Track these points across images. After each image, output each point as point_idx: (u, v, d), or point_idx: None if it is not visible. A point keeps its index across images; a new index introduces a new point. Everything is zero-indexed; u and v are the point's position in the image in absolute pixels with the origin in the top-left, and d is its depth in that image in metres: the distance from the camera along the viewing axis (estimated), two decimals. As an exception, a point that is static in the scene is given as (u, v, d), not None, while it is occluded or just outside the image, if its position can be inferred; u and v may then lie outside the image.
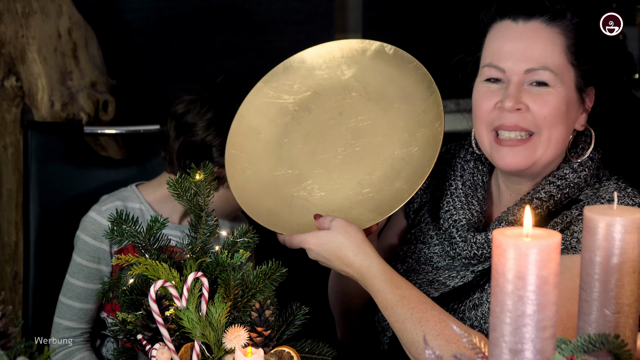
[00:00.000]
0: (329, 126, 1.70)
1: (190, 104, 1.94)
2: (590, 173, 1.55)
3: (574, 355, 1.01)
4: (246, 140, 1.72)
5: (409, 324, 1.44)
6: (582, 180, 1.54)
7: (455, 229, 1.60)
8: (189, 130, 1.91)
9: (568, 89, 1.51)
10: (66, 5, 2.45)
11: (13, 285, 2.45)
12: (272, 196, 1.65)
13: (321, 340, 1.45)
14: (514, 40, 1.51)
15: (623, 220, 1.06)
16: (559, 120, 1.50)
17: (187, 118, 1.92)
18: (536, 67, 1.49)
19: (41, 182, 2.15)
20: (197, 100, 1.93)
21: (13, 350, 1.14)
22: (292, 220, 1.61)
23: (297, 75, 1.76)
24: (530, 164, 1.53)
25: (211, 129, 1.90)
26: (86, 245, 1.87)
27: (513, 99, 1.49)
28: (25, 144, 2.16)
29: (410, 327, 1.44)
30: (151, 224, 1.46)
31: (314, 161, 1.68)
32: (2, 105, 2.39)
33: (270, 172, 1.68)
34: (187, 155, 1.90)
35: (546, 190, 1.54)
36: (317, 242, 1.51)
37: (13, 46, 2.37)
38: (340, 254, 1.50)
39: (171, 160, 1.94)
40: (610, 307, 1.07)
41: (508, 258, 0.97)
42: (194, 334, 1.34)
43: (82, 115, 2.45)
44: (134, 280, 1.41)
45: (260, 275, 1.41)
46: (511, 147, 1.52)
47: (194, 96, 1.95)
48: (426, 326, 1.44)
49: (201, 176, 1.48)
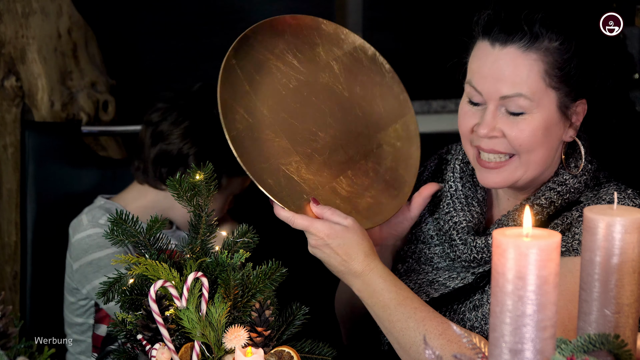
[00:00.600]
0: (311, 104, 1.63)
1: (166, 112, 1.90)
2: (591, 176, 1.55)
3: (574, 355, 1.01)
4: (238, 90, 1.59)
5: (412, 322, 1.44)
6: (583, 184, 1.54)
7: (456, 232, 1.60)
8: (164, 138, 1.87)
9: (547, 111, 1.48)
10: (66, 5, 2.45)
11: (13, 285, 2.45)
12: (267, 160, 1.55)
13: (321, 340, 1.45)
14: (490, 64, 1.48)
15: (623, 220, 1.06)
16: (536, 145, 1.49)
17: (163, 126, 1.88)
18: (511, 94, 1.46)
19: (39, 182, 2.15)
20: (173, 109, 1.90)
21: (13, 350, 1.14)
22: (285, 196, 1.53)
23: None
24: (511, 183, 1.53)
25: (187, 138, 1.86)
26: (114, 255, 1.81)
27: (487, 126, 1.49)
28: (23, 144, 2.16)
29: (413, 325, 1.44)
30: (151, 224, 1.46)
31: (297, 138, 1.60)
32: (2, 105, 2.39)
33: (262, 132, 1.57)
34: (163, 164, 1.87)
35: (547, 197, 1.53)
36: (329, 233, 1.49)
37: (13, 46, 2.37)
38: (352, 252, 1.49)
39: (145, 170, 1.90)
40: (610, 307, 1.07)
41: (508, 258, 0.97)
42: (194, 334, 1.34)
43: (82, 115, 2.45)
44: (134, 280, 1.41)
45: (260, 275, 1.41)
46: (490, 169, 1.52)
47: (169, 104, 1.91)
48: (429, 325, 1.43)
49: (201, 176, 1.48)
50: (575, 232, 1.48)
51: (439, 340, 1.41)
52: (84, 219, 1.88)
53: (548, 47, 1.46)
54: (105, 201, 1.92)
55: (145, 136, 1.91)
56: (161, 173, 1.88)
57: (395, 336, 1.46)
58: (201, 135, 1.87)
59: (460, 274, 1.59)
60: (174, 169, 1.86)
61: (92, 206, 1.93)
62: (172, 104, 1.91)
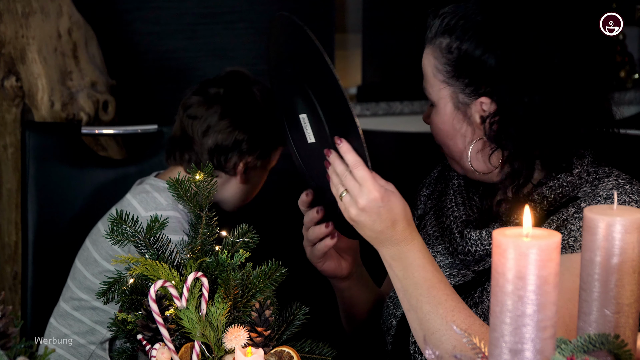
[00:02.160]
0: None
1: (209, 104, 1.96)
2: (586, 169, 1.54)
3: (574, 355, 1.01)
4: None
5: (441, 309, 1.40)
6: (577, 177, 1.53)
7: (455, 225, 1.60)
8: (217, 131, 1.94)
9: (445, 106, 1.53)
10: (66, 5, 2.45)
11: (13, 285, 2.45)
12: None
13: (321, 340, 1.45)
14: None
15: (623, 220, 1.06)
16: (444, 137, 1.55)
17: (212, 119, 1.95)
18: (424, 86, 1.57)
19: (39, 183, 2.15)
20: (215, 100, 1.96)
21: (13, 350, 1.14)
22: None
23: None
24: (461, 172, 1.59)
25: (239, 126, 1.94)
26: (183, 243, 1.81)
27: (424, 115, 1.61)
28: (23, 144, 2.16)
29: (442, 312, 1.39)
30: (151, 224, 1.46)
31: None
32: (2, 105, 2.39)
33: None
34: (220, 154, 1.95)
35: (538, 192, 1.53)
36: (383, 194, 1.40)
37: (13, 46, 2.37)
38: (398, 218, 1.40)
39: (198, 162, 1.95)
40: (610, 307, 1.07)
41: (508, 258, 0.97)
42: (194, 334, 1.34)
43: (82, 115, 2.45)
44: (134, 280, 1.41)
45: (260, 275, 1.41)
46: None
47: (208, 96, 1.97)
48: (457, 317, 1.39)
49: (201, 176, 1.48)
50: (570, 229, 1.47)
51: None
52: (160, 198, 1.92)
53: (440, 43, 1.53)
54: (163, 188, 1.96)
55: (193, 130, 1.96)
56: (218, 161, 1.96)
57: (420, 317, 1.41)
58: (250, 119, 1.95)
59: (461, 272, 1.59)
60: (230, 155, 1.95)
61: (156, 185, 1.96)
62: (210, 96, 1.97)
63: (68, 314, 1.97)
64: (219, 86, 1.98)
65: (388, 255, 1.43)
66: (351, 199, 1.41)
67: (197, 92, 1.99)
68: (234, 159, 1.96)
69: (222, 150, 1.95)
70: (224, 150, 1.95)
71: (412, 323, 1.44)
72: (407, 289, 1.42)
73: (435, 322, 1.39)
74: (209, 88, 1.99)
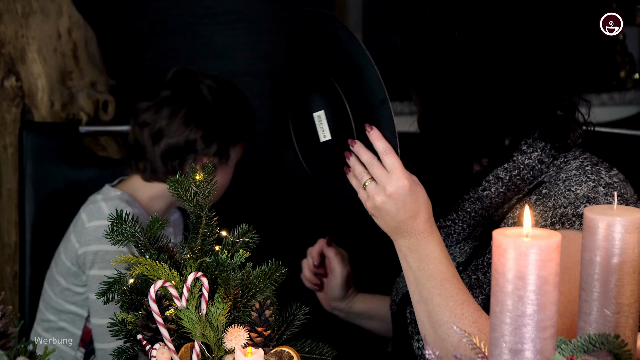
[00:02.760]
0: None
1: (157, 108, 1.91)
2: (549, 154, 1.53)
3: (574, 355, 1.01)
4: None
5: (452, 302, 1.40)
6: (537, 161, 1.53)
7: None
8: (166, 134, 1.89)
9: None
10: (66, 5, 2.45)
11: (13, 285, 2.45)
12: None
13: (321, 340, 1.45)
14: None
15: (623, 220, 1.06)
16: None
17: (160, 123, 1.89)
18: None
19: (37, 183, 2.15)
20: (163, 103, 1.91)
21: (13, 350, 1.14)
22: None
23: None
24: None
25: (190, 125, 1.89)
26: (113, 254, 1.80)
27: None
28: (21, 144, 2.16)
29: (452, 305, 1.40)
30: (151, 224, 1.46)
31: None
32: (2, 105, 2.39)
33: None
34: (173, 158, 1.89)
35: (494, 174, 1.54)
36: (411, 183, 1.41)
37: (13, 46, 2.37)
38: (421, 209, 1.41)
39: (153, 169, 1.91)
40: (610, 307, 1.07)
41: (508, 258, 0.97)
42: (194, 334, 1.34)
43: (82, 115, 2.45)
44: (134, 280, 1.41)
45: (260, 275, 1.41)
46: None
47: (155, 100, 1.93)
48: (466, 310, 1.40)
49: (201, 176, 1.48)
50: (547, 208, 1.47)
51: (471, 328, 1.39)
52: (104, 207, 1.88)
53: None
54: (121, 192, 1.92)
55: (143, 137, 1.91)
56: (172, 166, 1.91)
57: (429, 309, 1.42)
58: (200, 116, 1.89)
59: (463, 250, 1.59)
60: (185, 158, 1.90)
61: (107, 194, 1.93)
62: (158, 99, 1.92)
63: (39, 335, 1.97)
64: (166, 88, 1.93)
65: (405, 246, 1.43)
66: (377, 186, 1.41)
67: (146, 97, 1.95)
68: (189, 161, 1.91)
69: (176, 152, 1.89)
70: (177, 153, 1.89)
71: (420, 315, 1.44)
72: (420, 281, 1.43)
73: (445, 315, 1.40)
74: (157, 92, 1.94)
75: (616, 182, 1.47)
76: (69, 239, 1.92)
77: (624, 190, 1.47)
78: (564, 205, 1.45)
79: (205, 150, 1.89)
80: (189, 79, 1.94)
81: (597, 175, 1.47)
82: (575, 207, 1.44)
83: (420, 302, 1.44)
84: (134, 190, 1.94)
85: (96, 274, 1.79)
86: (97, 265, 1.80)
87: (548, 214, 1.46)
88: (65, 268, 1.91)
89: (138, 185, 1.95)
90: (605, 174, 1.48)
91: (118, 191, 1.92)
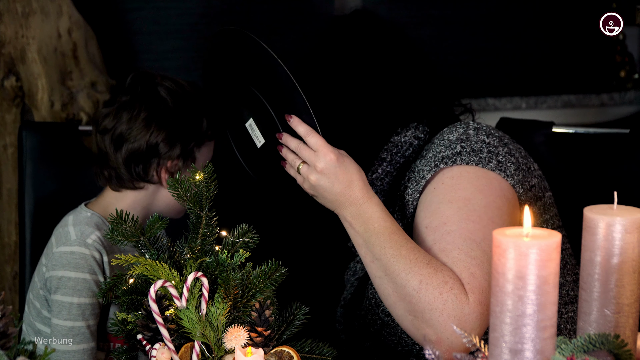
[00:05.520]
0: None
1: (116, 114, 1.89)
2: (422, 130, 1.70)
3: (574, 355, 1.01)
4: None
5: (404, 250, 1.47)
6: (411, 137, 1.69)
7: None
8: (127, 139, 1.86)
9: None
10: (66, 5, 2.45)
11: (13, 285, 2.46)
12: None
13: (321, 340, 1.45)
14: None
15: (623, 220, 1.06)
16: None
17: (120, 128, 1.85)
18: None
19: (36, 182, 2.15)
20: (121, 108, 1.88)
21: (13, 350, 1.14)
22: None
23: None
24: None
25: (151, 126, 1.86)
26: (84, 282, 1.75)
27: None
28: (20, 144, 2.16)
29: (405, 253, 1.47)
30: (151, 224, 1.46)
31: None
32: (2, 105, 2.39)
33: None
34: (136, 163, 1.85)
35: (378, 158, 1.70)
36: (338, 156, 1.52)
37: (13, 46, 2.37)
38: (354, 178, 1.52)
39: (118, 176, 1.87)
40: (610, 307, 1.07)
41: (508, 258, 0.97)
42: (194, 334, 1.34)
43: (82, 115, 2.45)
44: (134, 280, 1.41)
45: (260, 275, 1.41)
46: None
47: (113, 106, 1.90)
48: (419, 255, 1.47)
49: (201, 176, 1.48)
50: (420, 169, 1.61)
51: (427, 269, 1.44)
52: (72, 233, 1.85)
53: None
54: (91, 213, 1.89)
55: (105, 144, 1.88)
56: (137, 172, 1.86)
57: (384, 263, 1.48)
58: (161, 118, 1.87)
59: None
60: (148, 163, 1.85)
61: (77, 216, 1.89)
62: (117, 105, 1.90)
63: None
64: (125, 93, 1.89)
65: (349, 215, 1.53)
66: (309, 167, 1.53)
67: (106, 103, 1.91)
68: (154, 165, 1.86)
69: (138, 157, 1.85)
70: (140, 158, 1.85)
71: (376, 272, 1.50)
72: (368, 241, 1.51)
73: (400, 263, 1.46)
74: (115, 97, 1.90)
75: (484, 127, 1.62)
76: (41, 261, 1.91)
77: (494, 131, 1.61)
78: (442, 150, 1.58)
79: (168, 153, 1.84)
80: (146, 82, 1.89)
81: (464, 125, 1.62)
82: (452, 148, 1.57)
83: (374, 261, 1.50)
84: (107, 206, 1.91)
85: (58, 299, 1.78)
86: (60, 291, 1.78)
87: (431, 163, 1.58)
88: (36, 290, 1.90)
89: (110, 199, 1.92)
90: (475, 123, 1.63)
91: (89, 212, 1.89)
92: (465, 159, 1.54)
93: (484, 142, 1.57)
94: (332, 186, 1.51)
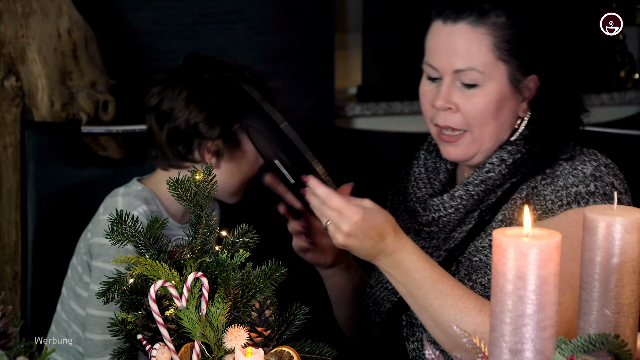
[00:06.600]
0: None
1: (161, 93, 1.91)
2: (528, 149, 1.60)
3: (574, 355, 1.01)
4: None
5: (451, 300, 1.42)
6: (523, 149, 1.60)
7: (417, 199, 1.65)
8: (169, 117, 1.88)
9: (499, 84, 1.55)
10: (66, 5, 2.45)
11: (13, 285, 2.45)
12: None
13: (321, 340, 1.45)
14: (443, 40, 1.57)
15: (623, 220, 1.06)
16: (489, 118, 1.56)
17: (163, 106, 1.89)
18: (463, 68, 1.55)
19: (39, 182, 2.15)
20: (167, 86, 1.91)
21: (13, 350, 1.14)
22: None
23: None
24: (471, 156, 1.60)
25: (191, 106, 1.88)
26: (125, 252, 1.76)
27: (443, 98, 1.57)
28: (23, 144, 2.16)
29: (452, 303, 1.42)
30: (151, 224, 1.46)
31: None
32: (2, 105, 2.39)
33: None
34: (177, 142, 1.88)
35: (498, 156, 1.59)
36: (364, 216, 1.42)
37: (13, 46, 2.37)
38: (384, 231, 1.43)
39: (164, 154, 1.90)
40: (610, 307, 1.08)
41: (508, 258, 0.98)
42: (194, 334, 1.34)
43: (82, 115, 2.45)
44: (134, 280, 1.41)
45: (260, 275, 1.41)
46: (449, 142, 1.59)
47: (162, 85, 1.93)
48: (467, 302, 1.42)
49: (201, 176, 1.48)
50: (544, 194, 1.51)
51: (479, 317, 1.40)
52: (120, 203, 1.87)
53: (495, 22, 1.54)
54: (142, 187, 1.91)
55: (152, 123, 1.92)
56: (178, 151, 1.89)
57: (432, 314, 1.43)
58: (202, 98, 1.88)
59: (433, 255, 1.60)
60: (190, 143, 1.88)
61: (128, 189, 1.92)
62: (165, 84, 1.92)
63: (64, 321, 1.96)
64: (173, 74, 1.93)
65: (385, 266, 1.46)
66: (335, 227, 1.44)
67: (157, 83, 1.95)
68: (195, 145, 1.88)
69: (179, 136, 1.88)
70: (181, 137, 1.88)
71: (426, 322, 1.45)
72: (412, 292, 1.45)
73: (449, 314, 1.42)
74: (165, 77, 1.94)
75: (611, 164, 1.55)
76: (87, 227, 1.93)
77: (617, 170, 1.55)
78: (575, 184, 1.50)
79: (208, 133, 1.86)
80: (192, 63, 1.93)
81: (595, 156, 1.55)
82: (586, 185, 1.50)
83: (422, 311, 1.45)
84: (157, 183, 1.93)
85: (98, 266, 1.79)
86: (101, 258, 1.80)
87: (562, 193, 1.50)
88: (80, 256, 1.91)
89: (160, 177, 1.94)
90: (600, 155, 1.55)
91: (140, 186, 1.92)
92: (598, 201, 1.49)
93: (612, 184, 1.51)
94: (362, 244, 1.44)
